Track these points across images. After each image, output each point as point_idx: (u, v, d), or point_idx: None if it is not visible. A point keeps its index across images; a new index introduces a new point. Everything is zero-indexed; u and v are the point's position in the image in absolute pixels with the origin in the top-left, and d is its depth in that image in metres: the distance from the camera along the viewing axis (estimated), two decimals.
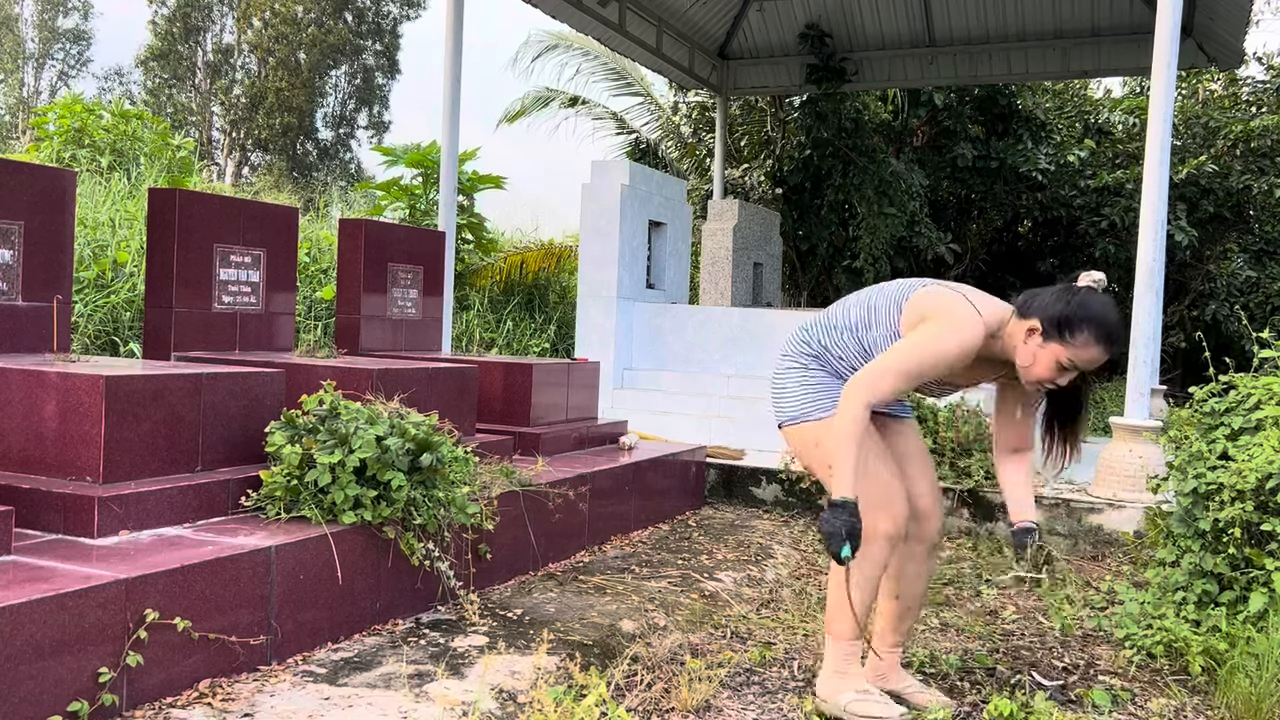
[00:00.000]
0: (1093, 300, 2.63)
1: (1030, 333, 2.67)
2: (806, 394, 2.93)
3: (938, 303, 2.76)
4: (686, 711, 2.91)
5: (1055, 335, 2.62)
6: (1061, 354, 2.63)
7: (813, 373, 2.94)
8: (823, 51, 11.46)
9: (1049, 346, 2.64)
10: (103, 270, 7.35)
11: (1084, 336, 2.60)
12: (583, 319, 8.32)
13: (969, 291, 2.80)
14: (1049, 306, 2.65)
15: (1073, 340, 2.61)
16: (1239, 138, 11.98)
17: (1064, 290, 2.67)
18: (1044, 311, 2.65)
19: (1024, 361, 2.70)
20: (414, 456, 3.48)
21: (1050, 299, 2.66)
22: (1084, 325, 2.60)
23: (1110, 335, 2.62)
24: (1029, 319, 2.67)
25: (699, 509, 5.99)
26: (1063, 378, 2.67)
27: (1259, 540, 3.46)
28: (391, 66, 35.65)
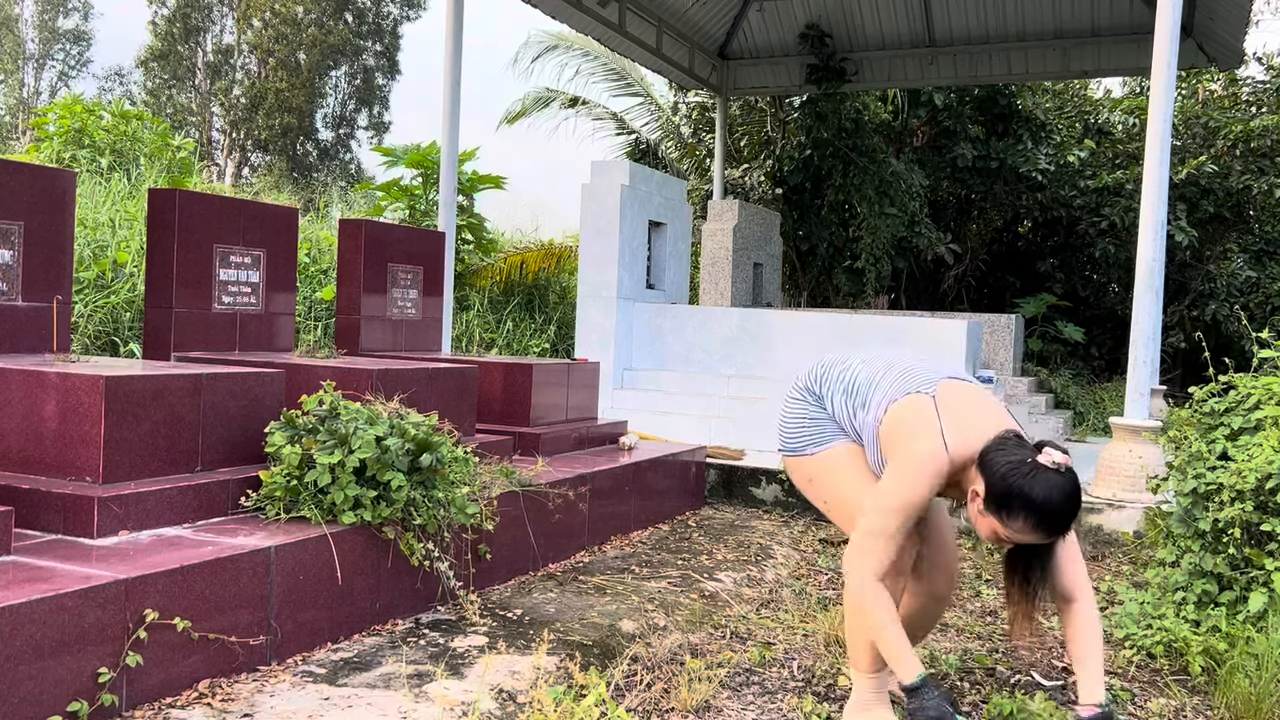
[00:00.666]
0: (1038, 485, 2.45)
1: (974, 494, 2.57)
2: (804, 429, 2.96)
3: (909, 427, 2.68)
4: (686, 711, 2.91)
5: (992, 509, 2.52)
6: (997, 526, 2.53)
7: (813, 409, 2.96)
8: (823, 51, 11.46)
9: (988, 516, 2.54)
10: (103, 270, 7.35)
11: (1020, 522, 2.48)
12: (583, 319, 8.32)
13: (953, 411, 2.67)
14: (995, 477, 2.50)
15: (1009, 522, 2.50)
16: (1239, 138, 11.97)
17: (1017, 465, 2.49)
18: (989, 477, 2.52)
19: (969, 516, 2.63)
20: (414, 457, 3.48)
21: (1002, 467, 2.50)
22: (1021, 511, 2.47)
23: (1051, 524, 2.48)
24: (980, 477, 2.55)
25: (699, 509, 5.99)
26: (1008, 545, 2.60)
27: (1259, 540, 3.46)
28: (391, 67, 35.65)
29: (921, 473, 2.60)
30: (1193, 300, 11.98)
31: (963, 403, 2.71)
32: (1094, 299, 12.91)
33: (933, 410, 2.67)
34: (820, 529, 5.59)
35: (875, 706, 2.81)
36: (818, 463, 2.93)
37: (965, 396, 2.73)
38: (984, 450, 2.57)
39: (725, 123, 12.32)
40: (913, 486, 2.60)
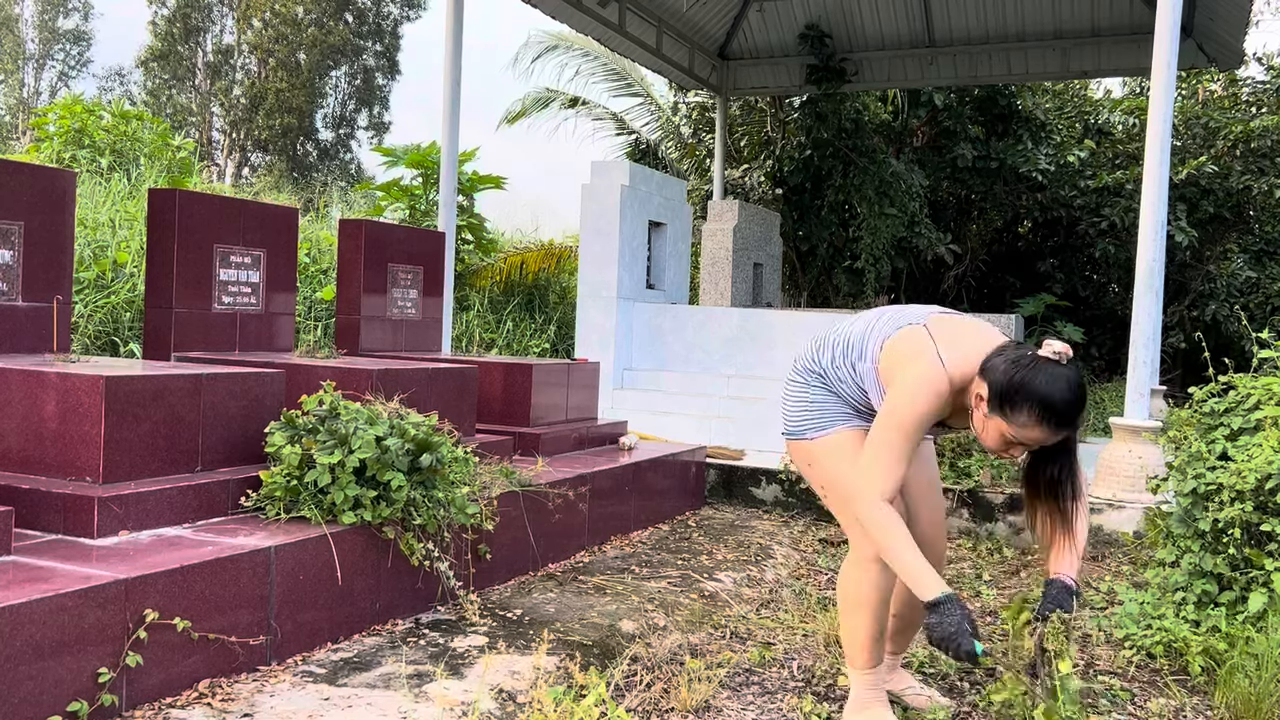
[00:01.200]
0: (1040, 376, 2.39)
1: (979, 399, 2.50)
2: (805, 411, 2.90)
3: (904, 354, 2.65)
4: (686, 711, 2.91)
5: (996, 409, 2.45)
6: (1004, 429, 2.45)
7: (814, 389, 2.90)
8: (823, 52, 11.46)
9: (993, 418, 2.47)
10: (103, 270, 7.35)
11: (1024, 416, 2.40)
12: (583, 319, 8.33)
13: (947, 335, 2.65)
14: (998, 374, 2.45)
15: (1013, 418, 2.42)
16: (1239, 138, 11.97)
17: (1017, 359, 2.45)
18: (991, 378, 2.46)
19: (975, 427, 2.55)
20: (414, 457, 3.48)
21: (1002, 365, 2.46)
22: (1025, 404, 2.39)
23: (1056, 417, 2.39)
24: (983, 381, 2.49)
25: (699, 509, 5.99)
26: (1014, 452, 2.52)
27: (1258, 540, 3.46)
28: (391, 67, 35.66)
29: (920, 390, 2.55)
30: (1193, 300, 11.99)
31: (955, 328, 2.69)
32: (1094, 299, 12.91)
33: (926, 336, 2.64)
34: (820, 529, 5.59)
35: (874, 705, 2.81)
36: (818, 446, 2.88)
37: (957, 323, 2.72)
38: (985, 359, 2.52)
39: (725, 123, 12.32)
40: (912, 404, 2.55)
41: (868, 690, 2.81)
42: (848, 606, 2.78)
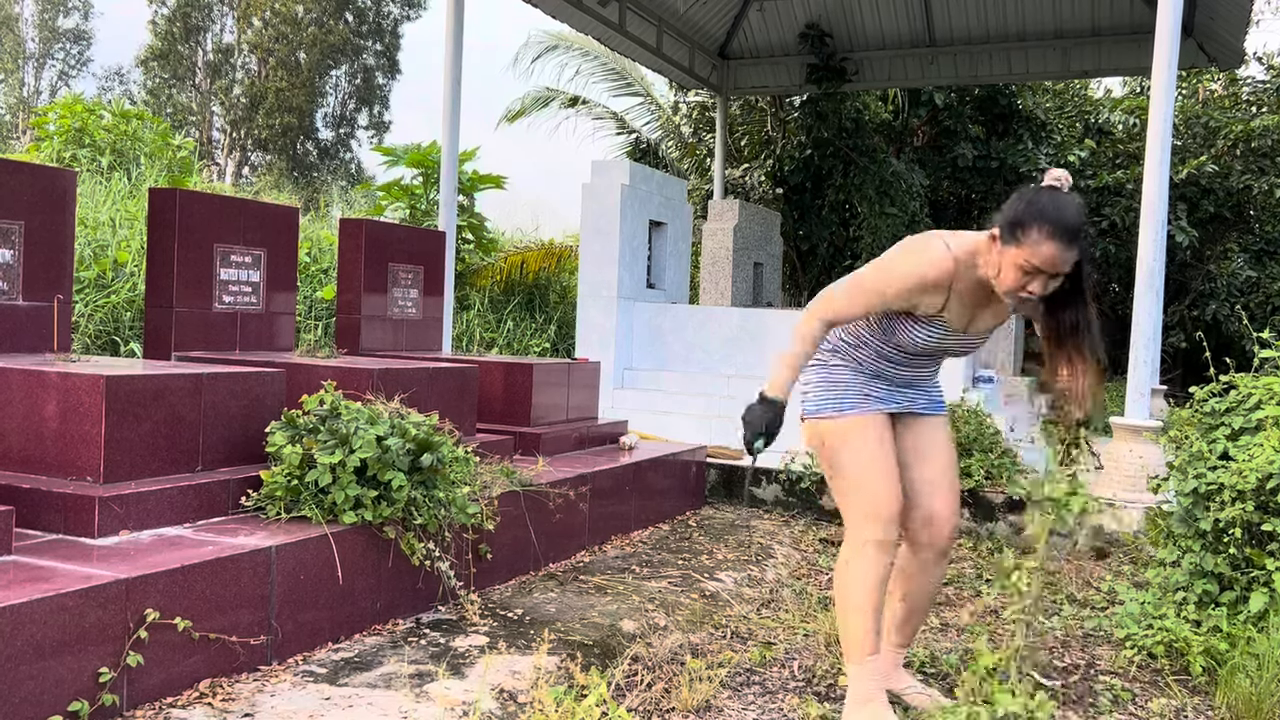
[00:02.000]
0: (1044, 197, 2.54)
1: (991, 240, 2.62)
2: (820, 390, 2.90)
3: (907, 242, 2.77)
4: (687, 711, 2.91)
5: (1009, 238, 2.56)
6: (1019, 257, 2.54)
7: (833, 368, 2.91)
8: (823, 51, 11.46)
9: (1007, 252, 2.56)
10: (103, 270, 7.35)
11: (1034, 234, 2.51)
12: (583, 319, 8.32)
13: (951, 235, 2.75)
14: (1007, 208, 2.59)
15: (1025, 239, 2.52)
16: (1239, 138, 11.97)
17: (1021, 192, 2.61)
18: (1002, 215, 2.60)
19: (993, 273, 2.63)
20: (414, 456, 3.48)
21: (1010, 202, 2.60)
22: (1033, 223, 2.51)
23: (1064, 229, 2.49)
24: (995, 226, 2.62)
25: (699, 509, 5.99)
26: (1034, 284, 2.57)
27: (1259, 540, 3.46)
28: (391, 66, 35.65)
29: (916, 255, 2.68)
30: (1193, 300, 11.98)
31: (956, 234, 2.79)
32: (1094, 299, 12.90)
33: (932, 235, 2.76)
34: (821, 528, 5.59)
35: (874, 699, 2.79)
36: (830, 428, 2.87)
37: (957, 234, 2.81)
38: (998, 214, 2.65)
39: (725, 122, 12.32)
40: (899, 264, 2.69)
41: (868, 682, 2.80)
42: (845, 595, 2.80)
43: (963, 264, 2.68)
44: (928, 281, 2.67)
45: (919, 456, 2.94)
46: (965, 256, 2.68)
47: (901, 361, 2.91)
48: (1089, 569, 4.95)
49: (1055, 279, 2.58)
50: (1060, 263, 2.53)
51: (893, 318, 2.81)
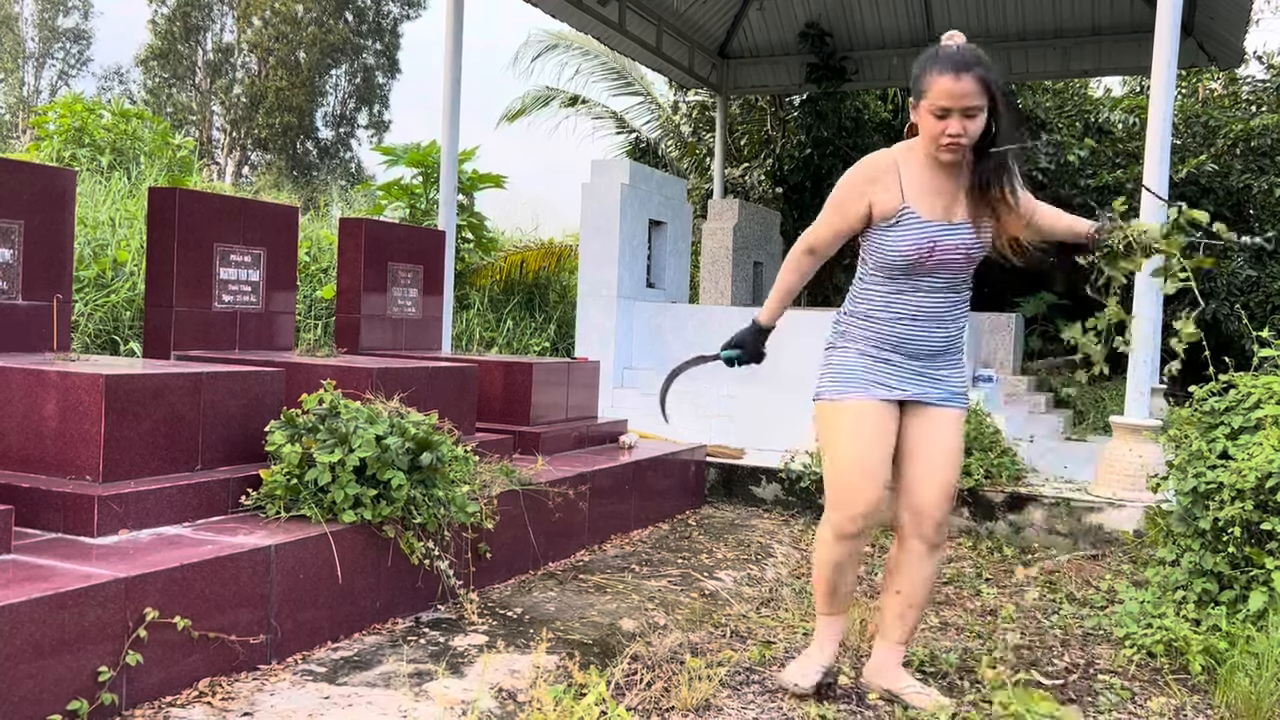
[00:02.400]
0: (930, 49, 2.82)
1: (914, 110, 2.83)
2: (826, 373, 3.04)
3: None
4: (686, 710, 2.91)
5: (917, 96, 2.78)
6: (929, 105, 2.74)
7: (840, 350, 3.02)
8: (823, 50, 11.46)
9: (920, 106, 2.78)
10: (103, 269, 7.35)
11: (929, 77, 2.73)
12: (583, 318, 8.32)
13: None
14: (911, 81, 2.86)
15: (925, 86, 2.74)
16: (1239, 137, 11.97)
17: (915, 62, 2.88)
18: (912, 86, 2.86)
19: (923, 139, 2.82)
20: (414, 456, 3.48)
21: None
22: (925, 69, 2.75)
23: (950, 60, 2.72)
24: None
25: (699, 508, 5.99)
26: (953, 125, 2.73)
27: (1259, 539, 3.46)
28: (391, 66, 35.64)
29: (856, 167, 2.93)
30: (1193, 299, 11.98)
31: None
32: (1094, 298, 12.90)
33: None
34: None
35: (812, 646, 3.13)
36: (829, 412, 2.98)
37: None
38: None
39: (725, 122, 12.31)
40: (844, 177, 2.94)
41: (819, 635, 3.12)
42: (816, 561, 3.09)
43: (901, 154, 2.89)
44: (870, 173, 2.89)
45: (920, 450, 2.96)
46: (903, 149, 2.91)
47: (912, 309, 2.90)
48: (1089, 568, 4.95)
49: (970, 117, 2.73)
50: (960, 93, 2.70)
51: (874, 241, 2.91)
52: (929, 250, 2.83)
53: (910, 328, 2.91)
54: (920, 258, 2.84)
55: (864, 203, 2.87)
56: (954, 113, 2.70)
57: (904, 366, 2.93)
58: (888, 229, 2.86)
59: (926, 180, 2.85)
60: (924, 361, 2.95)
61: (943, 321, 2.93)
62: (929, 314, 2.91)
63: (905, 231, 2.84)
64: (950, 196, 2.86)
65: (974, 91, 2.70)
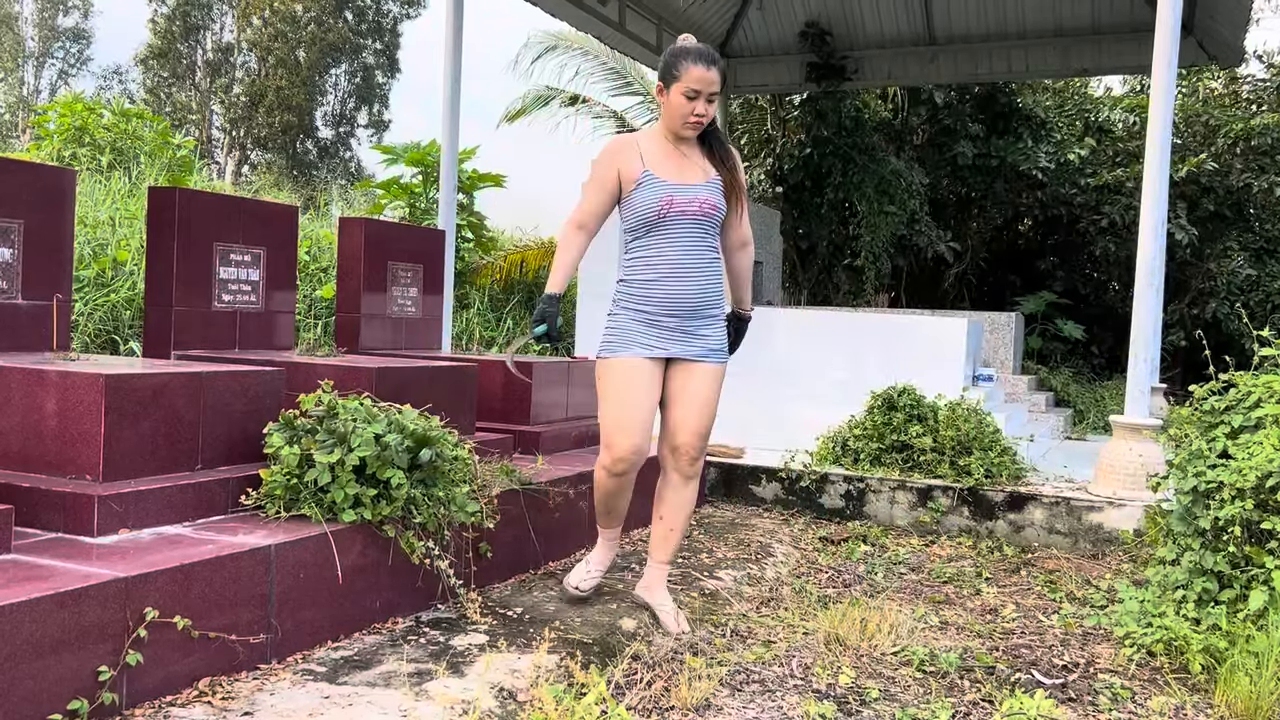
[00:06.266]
0: (678, 45, 3.43)
1: (659, 93, 3.43)
2: (604, 334, 3.57)
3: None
4: (687, 710, 2.91)
5: (670, 79, 3.37)
6: (681, 88, 3.35)
7: (614, 316, 3.55)
8: (823, 50, 11.45)
9: (672, 90, 3.38)
10: (103, 269, 7.35)
11: (684, 64, 3.34)
12: (583, 318, 8.32)
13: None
14: (660, 71, 3.43)
15: (680, 72, 3.34)
16: (1239, 136, 11.97)
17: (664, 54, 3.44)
18: (659, 76, 3.43)
19: (669, 116, 3.43)
20: (413, 453, 3.47)
21: (659, 69, 3.43)
22: (679, 58, 3.36)
23: (703, 53, 3.35)
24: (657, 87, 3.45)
25: (699, 507, 5.99)
26: (698, 105, 3.37)
27: (1259, 538, 3.46)
28: (391, 65, 35.64)
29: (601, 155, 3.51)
30: (1193, 298, 11.98)
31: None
32: (1094, 297, 12.90)
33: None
34: (820, 527, 5.59)
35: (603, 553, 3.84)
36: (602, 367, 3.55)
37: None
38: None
39: (725, 121, 12.31)
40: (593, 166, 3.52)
41: (598, 545, 3.85)
42: (595, 489, 3.68)
43: (643, 136, 3.54)
44: (615, 150, 3.50)
45: (679, 398, 3.54)
46: (644, 132, 3.59)
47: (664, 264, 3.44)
48: (1088, 567, 4.95)
49: (710, 101, 3.37)
50: (710, 81, 3.34)
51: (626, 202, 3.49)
52: (672, 204, 3.41)
53: (670, 284, 3.45)
54: (664, 210, 3.41)
55: (616, 170, 3.46)
56: (701, 96, 3.35)
57: (667, 326, 3.47)
58: (636, 190, 3.44)
59: (667, 157, 3.48)
60: (684, 319, 3.48)
61: (694, 276, 3.47)
62: (681, 267, 3.45)
63: (649, 189, 3.43)
64: (686, 165, 3.49)
65: (717, 81, 3.36)
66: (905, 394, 6.02)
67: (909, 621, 3.80)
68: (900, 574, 4.70)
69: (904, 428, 5.88)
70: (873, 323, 7.58)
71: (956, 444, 5.77)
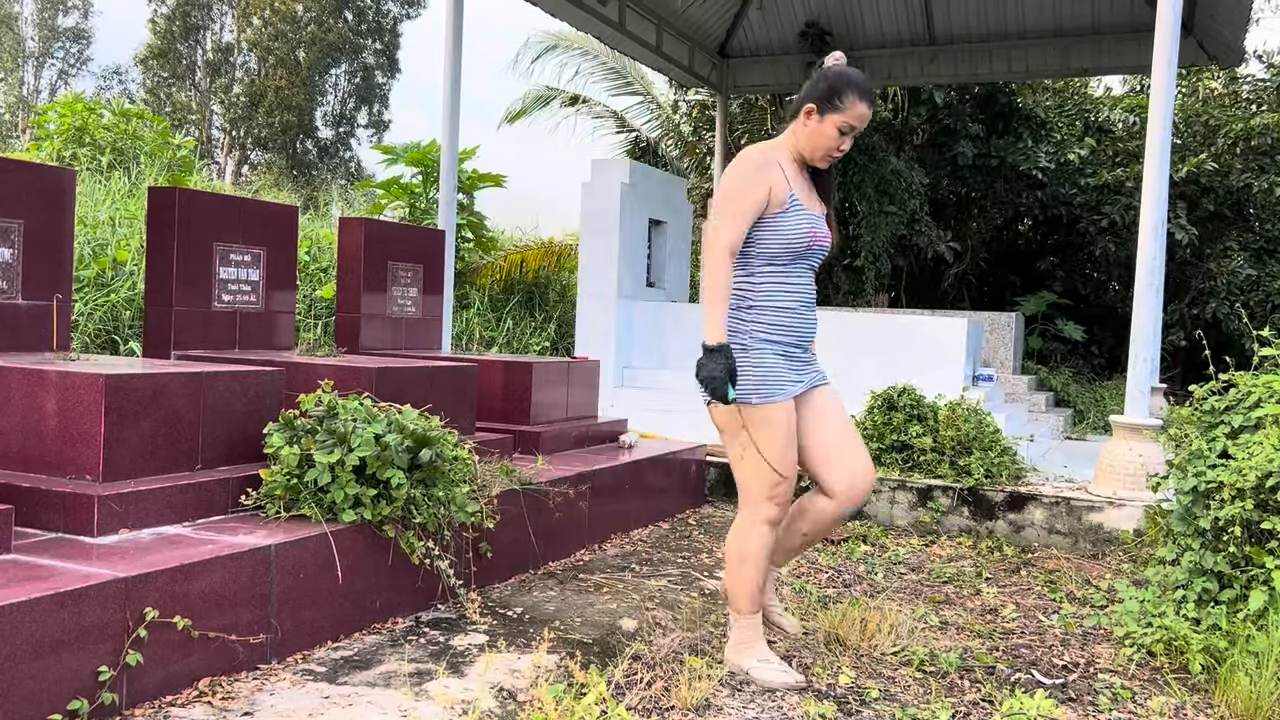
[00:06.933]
0: (846, 70, 3.13)
1: (808, 115, 3.13)
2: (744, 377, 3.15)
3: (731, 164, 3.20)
4: (687, 710, 2.91)
5: (830, 107, 3.10)
6: (838, 120, 3.10)
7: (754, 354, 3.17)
8: (823, 50, 11.43)
9: (828, 119, 3.10)
10: (103, 269, 7.35)
11: (851, 97, 3.08)
12: (583, 317, 8.32)
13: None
14: (814, 89, 3.13)
15: (844, 104, 3.08)
16: (1239, 136, 11.96)
17: (820, 73, 3.15)
18: (811, 95, 3.13)
19: (811, 143, 3.15)
20: (413, 453, 3.47)
21: (811, 84, 3.15)
22: (850, 89, 3.09)
23: (868, 90, 3.11)
24: (802, 109, 3.15)
25: (699, 507, 5.99)
26: (844, 142, 3.14)
27: (1259, 538, 3.46)
28: (391, 65, 35.64)
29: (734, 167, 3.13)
30: (1193, 298, 11.97)
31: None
32: (1094, 297, 12.90)
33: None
34: None
35: (757, 643, 3.22)
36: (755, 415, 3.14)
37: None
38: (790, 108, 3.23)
39: (725, 121, 12.31)
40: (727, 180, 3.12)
41: (750, 631, 3.23)
42: (736, 560, 3.21)
43: (778, 153, 3.19)
44: (763, 166, 3.11)
45: (823, 422, 3.26)
46: (774, 147, 3.21)
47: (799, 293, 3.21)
48: (1088, 567, 4.95)
49: (851, 138, 3.16)
50: (865, 119, 3.13)
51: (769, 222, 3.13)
52: (811, 236, 3.18)
53: (804, 315, 3.25)
54: (809, 241, 3.18)
55: (765, 190, 3.09)
56: (853, 133, 3.14)
57: (798, 358, 3.25)
58: (783, 214, 3.13)
59: (796, 177, 3.21)
60: (805, 349, 3.30)
61: (813, 305, 3.31)
62: (809, 298, 3.27)
63: (797, 216, 3.15)
64: (810, 192, 3.26)
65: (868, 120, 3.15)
66: (905, 394, 6.03)
67: (909, 621, 3.80)
68: (900, 574, 4.70)
69: (904, 428, 5.88)
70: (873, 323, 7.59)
71: (956, 444, 5.77)
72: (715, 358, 3.00)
